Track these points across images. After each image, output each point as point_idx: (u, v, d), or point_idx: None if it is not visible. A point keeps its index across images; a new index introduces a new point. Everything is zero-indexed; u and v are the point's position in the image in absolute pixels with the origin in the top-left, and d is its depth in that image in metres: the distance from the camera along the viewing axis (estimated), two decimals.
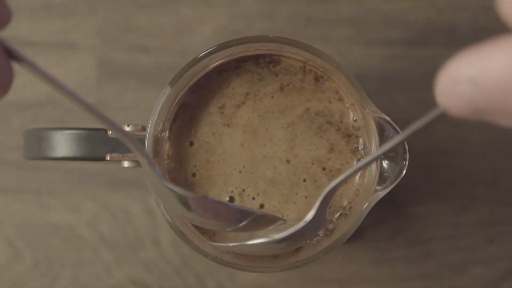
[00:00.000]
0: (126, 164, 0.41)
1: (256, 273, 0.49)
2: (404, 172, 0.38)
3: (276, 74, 0.42)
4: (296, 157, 0.42)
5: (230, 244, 0.39)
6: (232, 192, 0.42)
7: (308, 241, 0.42)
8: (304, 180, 0.42)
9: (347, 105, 0.42)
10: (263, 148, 0.42)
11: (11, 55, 0.25)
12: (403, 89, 0.53)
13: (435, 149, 0.53)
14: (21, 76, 0.35)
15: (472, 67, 0.20)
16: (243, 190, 0.42)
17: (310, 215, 0.36)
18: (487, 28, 0.53)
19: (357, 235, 0.53)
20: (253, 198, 0.42)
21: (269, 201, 0.42)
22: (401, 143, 0.37)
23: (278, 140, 0.42)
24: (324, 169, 0.42)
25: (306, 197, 0.42)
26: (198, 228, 0.42)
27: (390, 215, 0.53)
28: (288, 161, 0.42)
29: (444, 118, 0.23)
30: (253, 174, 0.42)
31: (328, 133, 0.42)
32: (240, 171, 0.42)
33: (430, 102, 0.53)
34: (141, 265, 0.53)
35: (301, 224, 0.36)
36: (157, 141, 0.41)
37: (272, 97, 0.42)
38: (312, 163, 0.42)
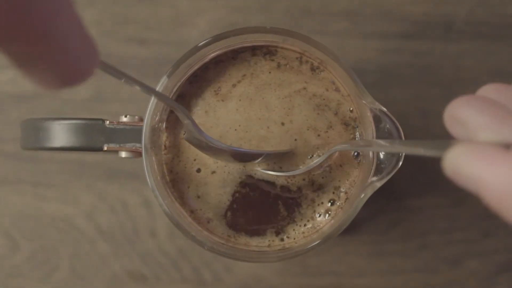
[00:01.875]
0: (123, 154, 0.41)
1: (252, 263, 0.50)
2: (400, 163, 0.38)
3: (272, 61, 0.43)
4: (292, 122, 0.42)
5: (262, 170, 0.42)
6: (230, 145, 0.42)
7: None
8: (295, 140, 0.42)
9: (343, 95, 0.42)
10: (259, 111, 0.42)
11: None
12: (399, 81, 0.53)
13: None
14: None
15: (478, 169, 0.23)
16: (240, 146, 0.42)
17: (318, 161, 0.42)
18: (483, 22, 0.53)
19: (354, 228, 0.53)
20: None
21: None
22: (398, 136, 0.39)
23: (275, 107, 0.42)
24: (318, 135, 0.42)
25: (293, 154, 0.42)
26: (195, 218, 0.42)
27: (386, 208, 0.53)
28: (282, 124, 0.42)
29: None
30: (247, 133, 0.42)
31: (326, 113, 0.42)
32: (236, 129, 0.42)
33: (425, 95, 0.53)
34: (138, 257, 0.53)
35: (307, 168, 0.42)
36: (154, 131, 0.41)
37: (270, 72, 0.43)
38: (308, 129, 0.42)
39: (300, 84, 0.42)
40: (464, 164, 0.24)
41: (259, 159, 0.41)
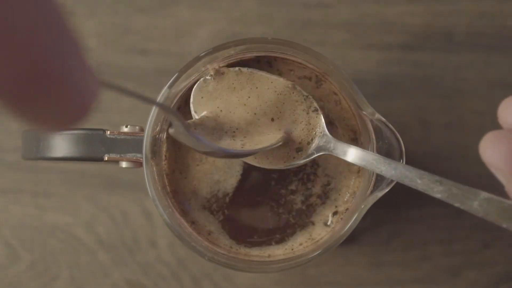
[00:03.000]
0: (124, 164, 0.41)
1: (252, 273, 0.50)
2: None
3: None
4: (281, 114, 0.41)
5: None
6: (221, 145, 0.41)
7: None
8: (279, 129, 0.41)
9: (344, 106, 0.42)
10: (247, 99, 0.41)
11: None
12: (399, 92, 0.53)
13: (431, 153, 0.53)
14: None
15: None
16: (234, 133, 0.41)
17: (308, 160, 0.40)
18: (483, 33, 0.53)
19: (353, 239, 0.53)
20: (242, 146, 0.40)
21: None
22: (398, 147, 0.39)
23: (268, 100, 0.41)
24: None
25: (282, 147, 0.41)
26: (195, 229, 0.42)
27: (386, 219, 0.53)
28: (272, 120, 0.41)
29: None
30: (232, 114, 0.41)
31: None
32: (221, 111, 0.41)
33: (426, 106, 0.53)
34: (138, 267, 0.53)
35: (295, 164, 0.40)
36: (155, 142, 0.41)
37: (268, 71, 0.42)
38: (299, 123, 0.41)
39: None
40: None
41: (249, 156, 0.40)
